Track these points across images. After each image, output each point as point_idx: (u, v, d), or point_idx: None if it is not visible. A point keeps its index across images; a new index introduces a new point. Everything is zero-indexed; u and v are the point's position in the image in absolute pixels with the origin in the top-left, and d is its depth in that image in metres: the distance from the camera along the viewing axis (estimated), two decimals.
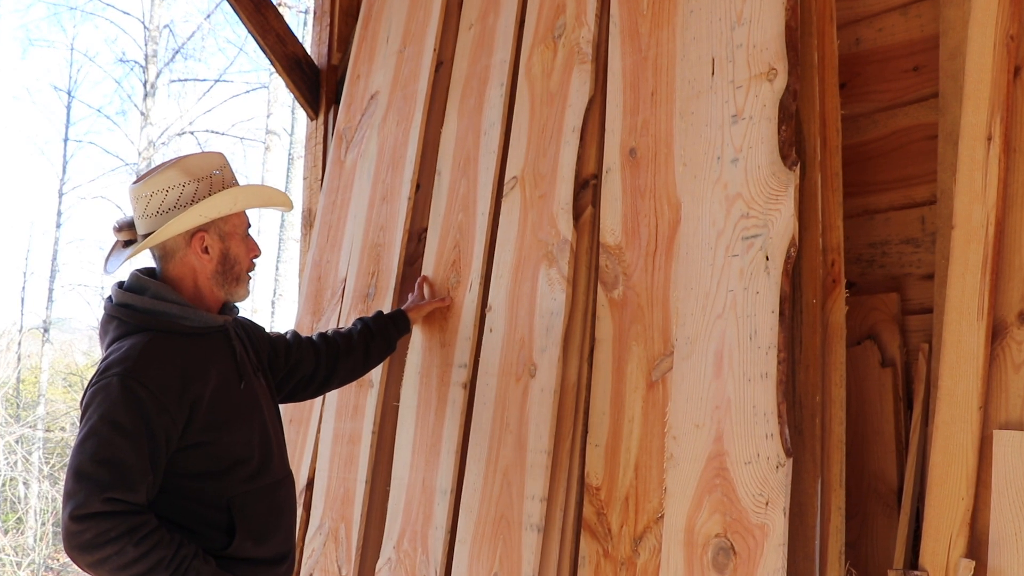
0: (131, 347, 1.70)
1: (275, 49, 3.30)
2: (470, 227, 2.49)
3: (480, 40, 2.64)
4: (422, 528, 2.36)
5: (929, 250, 1.95)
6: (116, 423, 1.62)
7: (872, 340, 1.99)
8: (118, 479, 1.60)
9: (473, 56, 2.65)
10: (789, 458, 1.61)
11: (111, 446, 1.61)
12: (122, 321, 1.76)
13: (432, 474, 2.37)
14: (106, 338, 1.79)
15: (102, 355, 1.77)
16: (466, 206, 2.52)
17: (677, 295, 1.89)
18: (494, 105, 2.51)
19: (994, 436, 1.57)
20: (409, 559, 2.37)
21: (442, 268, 2.54)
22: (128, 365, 1.67)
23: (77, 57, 18.82)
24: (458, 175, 2.58)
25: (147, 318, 1.75)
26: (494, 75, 2.55)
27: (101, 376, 1.68)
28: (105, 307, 1.81)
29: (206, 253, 1.82)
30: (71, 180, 17.75)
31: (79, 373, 15.21)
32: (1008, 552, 1.51)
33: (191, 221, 1.78)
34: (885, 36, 2.08)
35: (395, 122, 2.85)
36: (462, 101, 2.64)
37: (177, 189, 1.78)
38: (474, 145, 2.55)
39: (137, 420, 1.63)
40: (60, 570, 12.33)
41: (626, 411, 1.94)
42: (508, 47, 2.52)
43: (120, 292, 1.79)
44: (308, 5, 11.31)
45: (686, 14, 2.02)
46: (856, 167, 2.06)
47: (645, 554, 1.83)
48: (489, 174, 2.46)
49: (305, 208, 3.44)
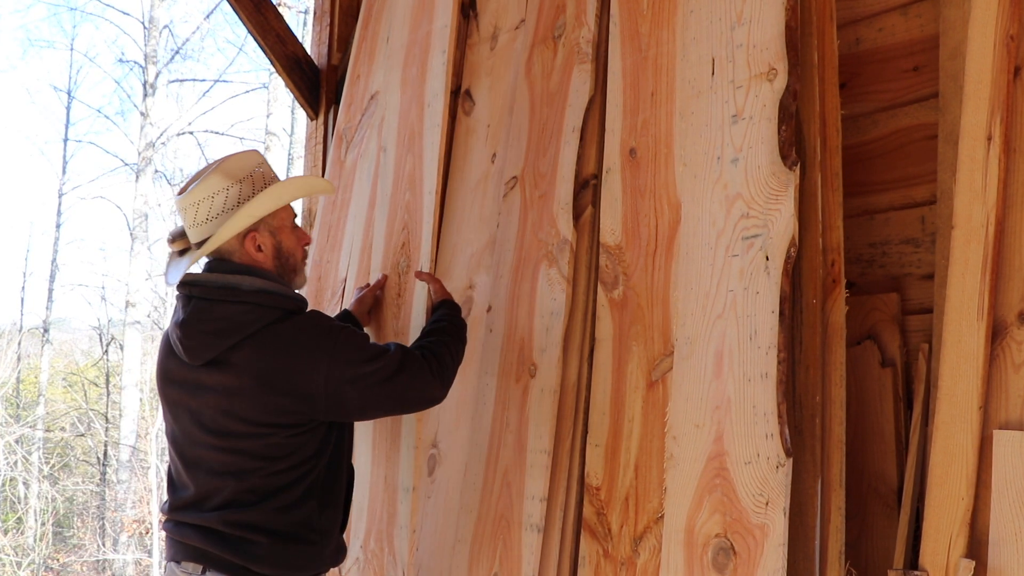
0: (314, 312, 1.91)
1: (275, 49, 3.29)
2: (418, 207, 2.40)
3: (421, 4, 2.55)
4: (387, 527, 2.34)
5: (929, 250, 1.95)
6: (353, 331, 1.90)
7: (872, 340, 1.99)
8: (389, 344, 1.92)
9: (414, 22, 2.56)
10: (789, 458, 1.61)
11: (363, 336, 1.94)
12: (271, 308, 1.82)
13: (393, 471, 2.34)
14: (246, 329, 1.79)
15: (229, 341, 1.79)
16: (413, 184, 2.42)
17: (677, 295, 1.89)
18: (437, 75, 2.43)
19: (994, 436, 1.57)
20: (377, 559, 2.35)
21: (391, 252, 2.47)
22: (330, 319, 1.92)
23: (77, 57, 18.81)
24: (403, 151, 2.48)
25: (290, 302, 1.86)
26: (435, 42, 2.45)
27: (321, 338, 1.82)
28: (228, 297, 1.81)
29: (260, 251, 1.89)
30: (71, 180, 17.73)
31: (79, 373, 15.21)
32: (1008, 552, 1.51)
33: (242, 223, 1.84)
34: (885, 36, 2.08)
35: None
36: (404, 70, 2.55)
37: (223, 193, 1.84)
38: (418, 119, 2.45)
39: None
40: (60, 570, 12.34)
41: (626, 411, 1.94)
42: (449, 11, 2.44)
43: (253, 279, 1.83)
44: (308, 5, 11.31)
45: (686, 14, 2.02)
46: (856, 167, 2.06)
47: (645, 554, 1.83)
48: (434, 150, 2.38)
49: (305, 208, 3.44)
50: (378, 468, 2.39)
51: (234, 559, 1.78)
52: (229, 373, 1.80)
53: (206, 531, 1.82)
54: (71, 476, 14.07)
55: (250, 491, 1.81)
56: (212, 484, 1.83)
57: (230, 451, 1.82)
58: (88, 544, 12.69)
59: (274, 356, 1.79)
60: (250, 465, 1.81)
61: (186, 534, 1.84)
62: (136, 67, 13.87)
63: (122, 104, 21.76)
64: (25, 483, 13.31)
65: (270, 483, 1.81)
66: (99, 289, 15.00)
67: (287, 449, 1.82)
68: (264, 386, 1.78)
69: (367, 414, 1.93)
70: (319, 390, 1.78)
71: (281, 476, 1.82)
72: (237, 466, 1.82)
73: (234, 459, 1.82)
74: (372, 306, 2.55)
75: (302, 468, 1.84)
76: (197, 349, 1.81)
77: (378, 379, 1.82)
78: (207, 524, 1.81)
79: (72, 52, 17.11)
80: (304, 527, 1.85)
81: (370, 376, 1.81)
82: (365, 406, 1.86)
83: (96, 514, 13.16)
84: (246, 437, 1.81)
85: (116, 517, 12.46)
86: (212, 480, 1.83)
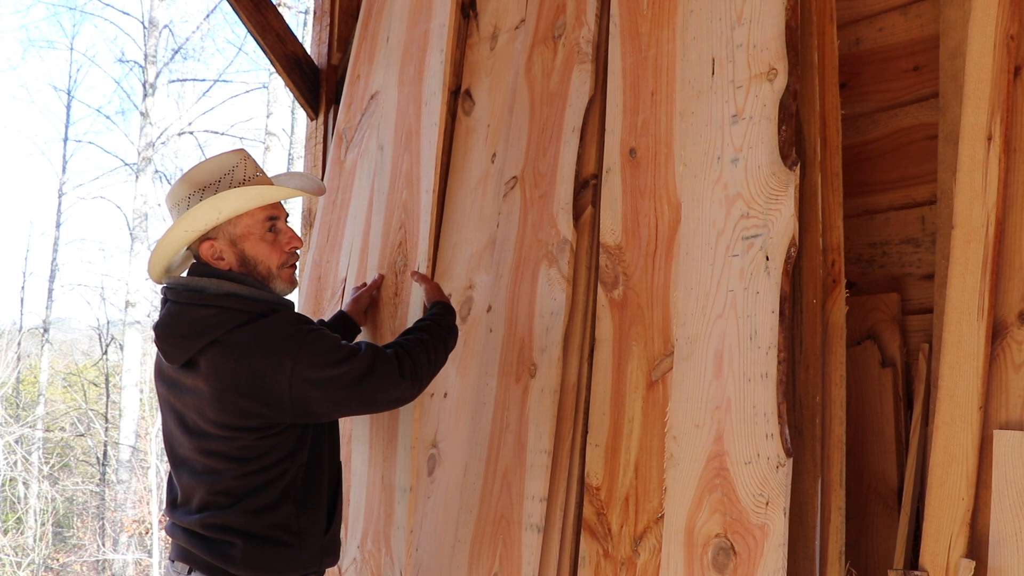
0: (284, 314, 1.84)
1: (275, 49, 3.29)
2: (415, 206, 2.39)
3: (419, 3, 2.55)
4: (384, 528, 2.33)
5: (929, 250, 1.95)
6: (322, 333, 1.83)
7: (872, 340, 1.99)
8: (360, 344, 1.86)
9: (411, 20, 2.56)
10: (789, 458, 1.61)
11: (331, 339, 1.84)
12: (237, 312, 1.80)
13: (391, 471, 2.33)
14: (211, 333, 1.78)
15: (203, 347, 1.79)
16: (410, 183, 2.41)
17: (677, 295, 1.89)
18: (435, 73, 2.42)
19: (994, 436, 1.57)
20: (374, 559, 2.34)
21: (388, 251, 2.47)
22: (300, 321, 1.85)
23: (77, 57, 18.82)
24: (400, 150, 2.47)
25: (259, 305, 1.83)
26: (433, 41, 2.45)
27: (286, 341, 1.77)
28: (196, 300, 1.82)
29: (220, 260, 1.86)
30: (71, 180, 17.73)
31: (79, 373, 15.21)
32: (1008, 552, 1.51)
33: (180, 237, 1.84)
34: (885, 36, 2.08)
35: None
36: (401, 69, 2.55)
37: (184, 203, 1.84)
38: (415, 117, 2.45)
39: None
40: (60, 570, 12.34)
41: (626, 411, 1.94)
42: (447, 11, 2.44)
43: (221, 282, 1.83)
44: (308, 5, 11.31)
45: (686, 14, 2.02)
46: (856, 167, 2.06)
47: (645, 554, 1.83)
48: (432, 148, 2.37)
49: (305, 208, 3.44)
50: (375, 468, 2.38)
51: (214, 561, 1.80)
52: (199, 376, 1.80)
53: (189, 533, 1.84)
54: (71, 476, 14.08)
55: (224, 493, 1.81)
56: (193, 485, 1.85)
57: (205, 452, 1.83)
58: (88, 544, 12.70)
59: (238, 360, 1.76)
60: (221, 466, 1.81)
61: (176, 534, 1.87)
62: (136, 67, 13.88)
63: (122, 104, 21.77)
64: (25, 483, 13.31)
65: (242, 485, 1.81)
66: (99, 289, 15.01)
67: (258, 451, 1.80)
68: (228, 389, 1.76)
69: (335, 416, 1.91)
70: (283, 394, 1.76)
71: (253, 478, 1.81)
72: (210, 467, 1.82)
73: (208, 461, 1.83)
74: (368, 306, 2.54)
75: (275, 470, 1.83)
76: (171, 352, 1.83)
77: (345, 382, 1.78)
78: (190, 527, 1.84)
79: (72, 52, 17.13)
80: (281, 529, 1.83)
81: (336, 380, 1.78)
82: (331, 410, 1.83)
83: (96, 514, 13.16)
84: (217, 439, 1.81)
85: (116, 517, 12.47)
86: (192, 481, 1.85)
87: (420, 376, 1.90)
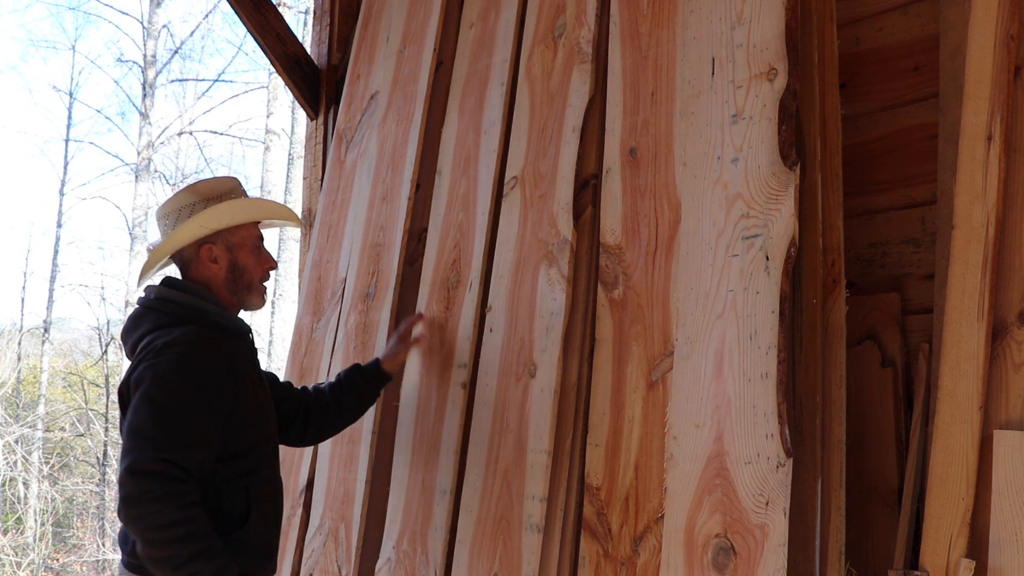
0: (184, 332, 1.83)
1: (275, 49, 3.29)
2: (470, 227, 2.49)
3: (481, 39, 2.65)
4: (421, 528, 2.36)
5: (929, 250, 1.95)
6: (174, 392, 1.76)
7: (872, 340, 1.99)
8: (174, 441, 1.72)
9: (474, 55, 2.65)
10: (789, 458, 1.61)
11: (169, 411, 1.74)
12: (163, 313, 1.89)
13: (432, 474, 2.37)
14: (137, 330, 1.91)
15: (134, 346, 1.89)
16: (466, 205, 2.52)
17: (677, 295, 1.89)
18: (494, 105, 2.51)
19: (994, 436, 1.57)
20: (409, 559, 2.37)
21: (442, 268, 2.55)
22: (186, 346, 1.80)
23: (78, 58, 18.83)
24: (458, 174, 2.58)
25: (189, 312, 1.89)
26: (495, 75, 2.55)
27: (158, 354, 1.78)
28: (141, 302, 1.96)
29: (215, 263, 1.97)
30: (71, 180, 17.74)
31: (79, 373, 15.21)
32: (1008, 552, 1.51)
33: (192, 232, 1.93)
34: (885, 36, 2.08)
35: (395, 122, 2.85)
36: (463, 100, 2.64)
37: (188, 208, 1.96)
38: (474, 144, 2.55)
39: (194, 392, 1.77)
40: (60, 570, 12.33)
41: (626, 411, 1.94)
42: (508, 47, 2.53)
43: (162, 288, 1.94)
44: (308, 5, 11.30)
45: (686, 14, 2.02)
46: (856, 167, 2.06)
47: (645, 554, 1.83)
48: (489, 173, 2.46)
49: (305, 208, 3.44)
50: (416, 472, 2.42)
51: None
52: None
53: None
54: (71, 476, 14.07)
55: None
56: None
57: None
58: (88, 544, 12.69)
59: (135, 383, 1.79)
60: None
61: None
62: (135, 67, 13.88)
63: (122, 105, 21.78)
64: (25, 483, 13.31)
65: None
66: (99, 289, 15.00)
67: None
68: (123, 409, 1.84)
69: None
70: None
71: None
72: None
73: None
74: (406, 359, 2.52)
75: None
76: (128, 355, 1.93)
77: (137, 433, 1.72)
78: None
79: (73, 53, 17.13)
80: None
81: (137, 424, 1.72)
82: (121, 426, 1.83)
83: (96, 514, 13.16)
84: None
85: (116, 517, 12.45)
86: None
87: (133, 511, 1.68)
